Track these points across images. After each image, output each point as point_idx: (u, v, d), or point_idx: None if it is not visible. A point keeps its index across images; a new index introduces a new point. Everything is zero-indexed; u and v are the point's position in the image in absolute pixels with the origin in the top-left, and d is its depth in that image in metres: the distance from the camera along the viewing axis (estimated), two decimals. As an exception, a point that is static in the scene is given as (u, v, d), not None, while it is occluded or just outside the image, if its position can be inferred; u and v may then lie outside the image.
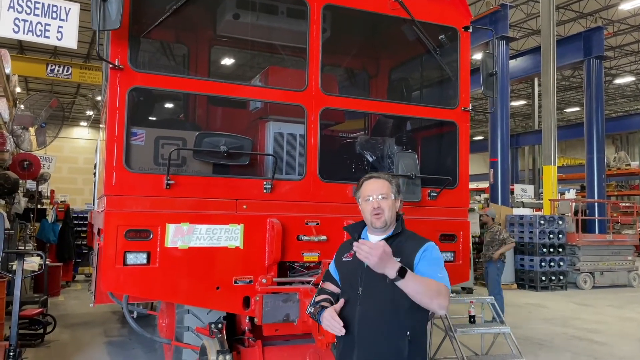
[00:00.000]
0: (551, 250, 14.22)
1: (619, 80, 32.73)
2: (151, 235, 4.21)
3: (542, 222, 14.17)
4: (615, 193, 31.57)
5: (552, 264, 14.14)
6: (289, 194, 4.71)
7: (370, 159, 5.60)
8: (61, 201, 16.81)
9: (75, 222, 14.90)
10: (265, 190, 4.59)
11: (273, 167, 4.53)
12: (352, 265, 2.80)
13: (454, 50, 5.49)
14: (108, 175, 4.20)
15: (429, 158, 5.72)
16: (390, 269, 2.46)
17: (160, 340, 5.09)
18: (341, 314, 2.66)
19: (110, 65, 4.17)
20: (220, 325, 4.50)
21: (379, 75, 6.68)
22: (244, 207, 4.52)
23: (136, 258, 4.18)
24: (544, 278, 14.06)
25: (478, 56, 16.70)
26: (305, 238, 4.62)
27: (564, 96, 36.22)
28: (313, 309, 2.80)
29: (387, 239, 2.74)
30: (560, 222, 14.41)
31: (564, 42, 18.34)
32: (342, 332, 2.56)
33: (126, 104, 4.21)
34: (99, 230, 5.36)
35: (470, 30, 5.48)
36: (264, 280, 4.40)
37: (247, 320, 4.66)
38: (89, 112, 34.94)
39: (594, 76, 17.69)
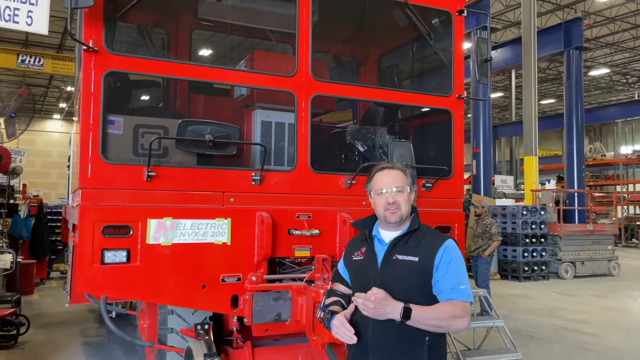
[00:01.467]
0: (534, 240, 14.23)
1: (593, 72, 33.08)
2: (131, 232, 3.91)
3: (524, 212, 14.16)
4: (592, 183, 31.99)
5: (534, 254, 14.15)
6: (279, 186, 4.44)
7: (362, 149, 5.35)
8: (34, 196, 16.24)
9: (49, 217, 14.42)
10: (253, 182, 4.31)
11: (262, 157, 4.26)
12: (363, 265, 2.57)
13: (447, 35, 5.27)
14: (83, 166, 3.88)
15: (422, 147, 5.50)
16: (393, 313, 2.27)
17: (142, 344, 4.79)
18: (353, 319, 2.42)
19: (84, 47, 3.83)
20: (206, 326, 4.23)
21: (369, 62, 6.42)
22: (231, 200, 4.24)
23: (115, 256, 3.88)
24: (526, 268, 14.07)
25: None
26: (297, 232, 4.36)
27: (539, 88, 36.49)
28: (322, 314, 2.56)
29: (402, 236, 2.52)
30: (542, 213, 14.42)
31: (543, 32, 18.34)
32: (354, 340, 2.34)
33: (102, 90, 3.88)
34: (74, 226, 5.02)
35: (465, 14, 5.27)
36: (253, 278, 4.14)
37: (235, 320, 4.40)
38: (62, 105, 33.98)
39: (574, 67, 17.74)
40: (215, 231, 4.15)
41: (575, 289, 12.77)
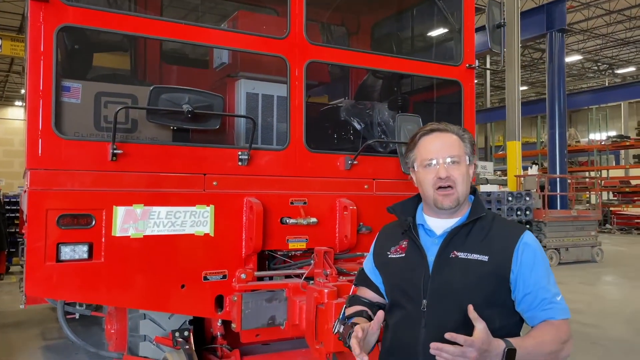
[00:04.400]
0: (519, 227, 13.89)
1: (566, 59, 33.07)
2: (93, 222, 3.23)
3: (510, 198, 13.81)
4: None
5: (520, 241, 13.81)
6: (270, 167, 3.80)
7: (359, 127, 4.72)
8: (-7, 185, 15.20)
9: (7, 207, 13.44)
10: (240, 163, 3.65)
11: (252, 133, 3.59)
12: (405, 265, 1.91)
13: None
14: (32, 143, 3.15)
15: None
16: (494, 359, 1.61)
17: (108, 355, 4.10)
18: (394, 336, 1.79)
19: (31, -4, 3.10)
20: (186, 333, 3.57)
21: (366, 28, 5.75)
22: (214, 183, 3.58)
23: (74, 252, 3.19)
24: (511, 256, 13.72)
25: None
26: (291, 221, 3.73)
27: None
28: (343, 328, 1.88)
29: (461, 226, 1.87)
30: (527, 199, 14.09)
31: (526, 14, 17.93)
32: None
33: (54, 48, 3.15)
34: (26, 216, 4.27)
35: (475, -27, 4.67)
36: (243, 276, 3.49)
37: (219, 324, 3.76)
38: (24, 91, 32.43)
39: (557, 50, 17.40)
40: (195, 220, 3.49)
41: (562, 277, 12.46)
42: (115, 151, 3.24)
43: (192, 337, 3.59)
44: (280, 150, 3.85)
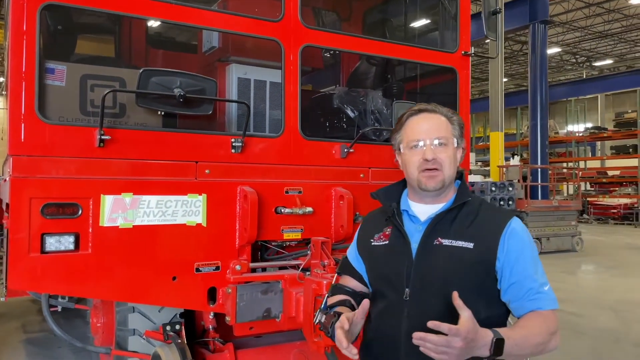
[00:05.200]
0: (502, 217, 13.98)
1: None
2: (80, 211, 3.07)
3: (493, 188, 13.88)
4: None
5: (502, 231, 13.91)
6: (264, 155, 3.67)
7: (352, 115, 4.61)
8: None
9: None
10: (233, 150, 3.51)
11: (245, 119, 3.46)
12: (389, 252, 1.85)
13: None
14: (14, 128, 2.97)
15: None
16: (482, 349, 1.52)
17: (95, 350, 3.95)
18: (376, 327, 1.71)
19: (12, -30, 2.91)
20: (177, 327, 3.45)
21: (359, 14, 5.62)
22: (207, 171, 3.44)
23: (59, 243, 3.03)
24: (494, 246, 13.82)
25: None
26: (286, 211, 3.61)
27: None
28: (325, 317, 1.80)
29: (446, 212, 1.81)
30: (510, 189, 14.18)
31: (509, 5, 17.95)
32: (352, 354, 1.62)
33: (37, 27, 2.97)
34: (7, 205, 4.08)
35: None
36: (237, 267, 3.37)
37: (211, 317, 3.64)
38: (1, 79, 31.48)
39: (539, 42, 17.48)
40: (187, 210, 3.35)
41: (544, 266, 12.48)
42: (102, 137, 3.08)
43: (183, 331, 3.47)
44: (274, 138, 3.72)
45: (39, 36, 2.98)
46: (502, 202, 13.90)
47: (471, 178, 15.32)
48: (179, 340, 3.35)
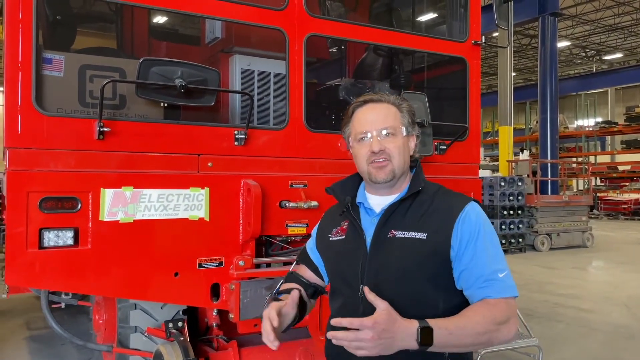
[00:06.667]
0: (511, 212, 13.81)
1: (556, 44, 33.06)
2: (79, 205, 2.99)
3: (502, 183, 13.70)
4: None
5: (511, 226, 13.75)
6: (268, 148, 3.57)
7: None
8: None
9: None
10: (236, 143, 3.42)
11: (249, 110, 3.35)
12: (345, 248, 1.79)
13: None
14: (10, 119, 2.89)
15: (431, 104, 4.70)
16: (406, 340, 1.45)
17: (96, 348, 3.87)
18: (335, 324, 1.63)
19: (7, -44, 2.82)
20: (180, 324, 3.36)
21: (365, 3, 5.49)
22: (209, 164, 3.34)
23: (58, 238, 2.95)
24: (504, 241, 13.65)
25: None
26: (291, 205, 3.51)
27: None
28: (269, 304, 1.77)
29: (399, 202, 1.74)
30: (519, 184, 13.99)
31: (518, -2, 17.72)
32: (273, 347, 1.64)
33: (34, 16, 2.88)
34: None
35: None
36: (241, 263, 3.28)
37: (214, 314, 3.55)
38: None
39: (549, 34, 17.23)
40: (189, 204, 3.26)
41: (554, 262, 12.45)
42: (102, 129, 2.99)
43: (186, 328, 3.38)
44: (278, 130, 3.62)
45: (36, 25, 2.90)
46: (511, 197, 13.74)
47: (480, 173, 15.16)
48: (182, 338, 3.26)
